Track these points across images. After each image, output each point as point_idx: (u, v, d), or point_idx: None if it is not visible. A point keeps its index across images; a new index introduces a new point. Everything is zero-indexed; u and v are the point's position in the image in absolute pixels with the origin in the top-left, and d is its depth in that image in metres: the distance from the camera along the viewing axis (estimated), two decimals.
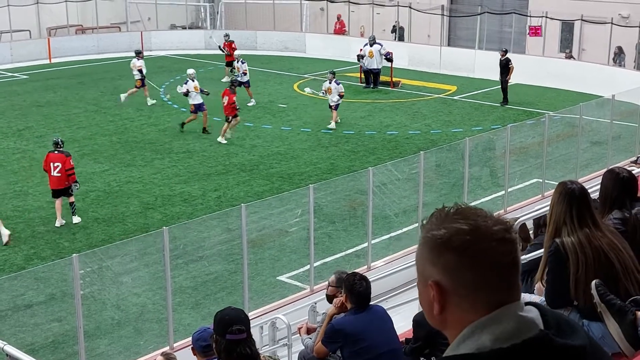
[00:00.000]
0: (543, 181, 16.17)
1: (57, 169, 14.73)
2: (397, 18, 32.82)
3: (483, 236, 1.76)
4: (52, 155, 14.92)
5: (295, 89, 27.15)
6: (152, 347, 10.75)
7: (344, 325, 6.44)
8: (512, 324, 1.73)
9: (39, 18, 34.67)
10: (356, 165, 18.04)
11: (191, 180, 17.28)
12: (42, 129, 21.74)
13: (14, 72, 30.18)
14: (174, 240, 11.80)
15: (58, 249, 13.67)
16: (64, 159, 14.86)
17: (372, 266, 12.79)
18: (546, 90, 26.67)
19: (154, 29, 35.94)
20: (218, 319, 4.53)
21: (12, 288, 11.57)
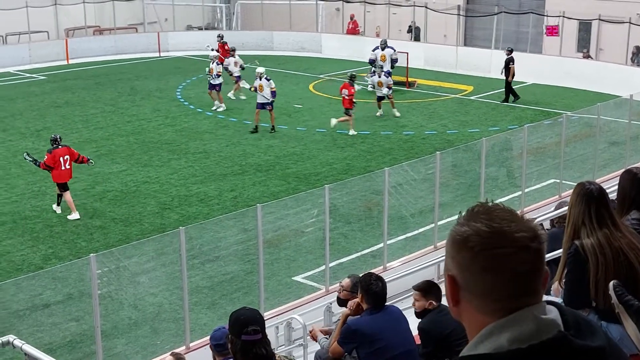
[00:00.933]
0: (560, 182, 16.09)
1: (67, 162, 15.35)
2: (413, 18, 32.76)
3: (502, 241, 1.74)
4: (60, 150, 15.37)
5: (311, 90, 27.16)
6: (169, 346, 10.79)
7: (360, 326, 6.44)
8: (531, 326, 1.72)
9: (57, 19, 34.89)
10: (372, 166, 18.02)
11: (208, 181, 17.33)
12: (60, 129, 21.84)
13: (32, 73, 30.38)
14: (191, 240, 11.84)
15: (76, 248, 13.75)
16: (70, 150, 15.58)
17: (388, 266, 12.77)
18: (563, 90, 26.53)
19: (171, 30, 36.08)
20: (233, 319, 4.52)
21: (31, 288, 11.64)
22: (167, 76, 29.31)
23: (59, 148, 15.44)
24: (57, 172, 15.32)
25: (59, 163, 15.27)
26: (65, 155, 15.38)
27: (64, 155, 15.36)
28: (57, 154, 15.34)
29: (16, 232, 14.52)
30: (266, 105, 21.29)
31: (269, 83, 21.49)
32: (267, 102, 21.33)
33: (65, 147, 15.62)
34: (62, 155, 15.35)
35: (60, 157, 15.31)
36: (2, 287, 11.19)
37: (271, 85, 21.45)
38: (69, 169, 15.41)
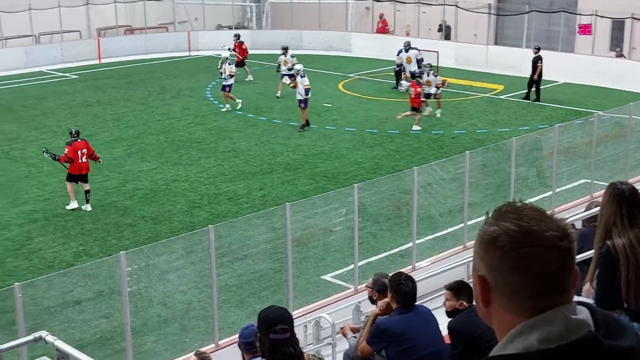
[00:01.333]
0: (592, 182, 15.93)
1: (85, 155, 15.94)
2: (443, 17, 32.61)
3: (531, 240, 1.73)
4: (79, 144, 15.96)
5: (340, 89, 27.15)
6: (198, 344, 10.84)
7: (389, 325, 6.42)
8: (561, 326, 1.71)
9: (89, 19, 35.25)
10: (401, 165, 17.98)
11: (237, 179, 17.40)
12: (91, 128, 22.08)
13: (64, 72, 30.72)
14: (220, 239, 11.88)
15: (106, 246, 13.88)
16: (87, 145, 16.20)
17: (416, 266, 12.73)
18: (595, 89, 26.26)
19: (201, 29, 36.26)
20: (262, 318, 4.52)
21: (62, 284, 11.76)
22: (197, 75, 29.47)
23: (78, 141, 15.99)
24: (76, 164, 15.83)
25: (77, 155, 15.82)
26: (84, 149, 15.97)
27: (82, 148, 15.95)
28: (77, 146, 15.88)
29: (48, 230, 14.69)
30: (300, 102, 21.39)
31: (303, 80, 21.55)
32: (301, 99, 21.43)
33: (83, 140, 16.19)
34: (81, 148, 15.93)
35: (79, 150, 15.87)
36: (34, 283, 11.32)
37: (304, 83, 21.51)
38: (86, 162, 15.96)
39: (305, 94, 21.45)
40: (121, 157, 19.19)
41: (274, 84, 26.15)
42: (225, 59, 24.04)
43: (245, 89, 27.04)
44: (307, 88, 21.60)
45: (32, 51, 32.03)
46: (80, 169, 15.87)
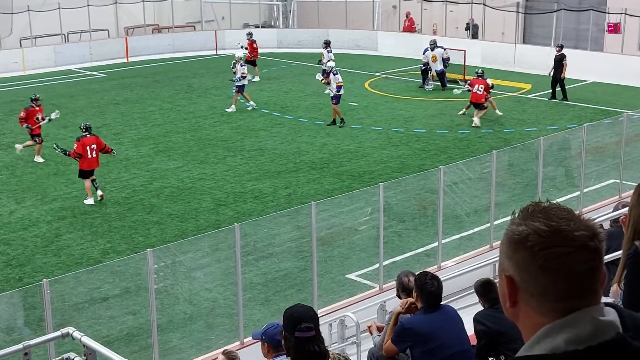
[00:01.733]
0: (620, 182, 15.77)
1: (94, 151, 16.23)
2: (470, 15, 32.44)
3: (561, 240, 1.72)
4: (88, 139, 16.25)
5: (367, 87, 27.12)
6: (223, 341, 10.89)
7: (414, 325, 6.40)
8: (589, 327, 1.70)
9: (117, 18, 35.52)
10: (427, 164, 17.92)
11: (262, 178, 17.44)
12: (119, 126, 22.26)
13: (92, 70, 30.99)
14: (245, 237, 11.92)
15: (133, 243, 13.98)
16: (97, 140, 16.51)
17: (442, 266, 12.68)
18: (625, 88, 25.98)
19: (228, 28, 36.40)
20: (287, 316, 4.53)
21: (89, 281, 11.87)
22: (224, 74, 29.56)
23: (87, 137, 16.25)
24: (85, 160, 16.16)
25: (87, 151, 16.11)
26: (93, 144, 16.25)
27: (91, 144, 16.22)
28: (85, 142, 16.17)
29: (76, 227, 14.83)
30: (333, 98, 21.42)
31: (336, 77, 21.57)
32: (333, 95, 21.47)
33: (93, 136, 16.47)
34: (90, 144, 16.20)
35: (88, 145, 16.16)
36: (62, 280, 11.43)
37: (337, 80, 21.53)
38: (96, 158, 16.25)
39: (337, 90, 21.48)
40: (148, 155, 19.33)
41: (300, 82, 26.20)
42: (239, 59, 23.91)
43: (272, 88, 27.11)
44: (340, 85, 21.62)
45: (61, 50, 32.35)
46: (90, 164, 16.17)
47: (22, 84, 28.55)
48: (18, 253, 13.66)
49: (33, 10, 31.97)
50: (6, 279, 12.61)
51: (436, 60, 26.37)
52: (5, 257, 13.47)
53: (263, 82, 28.13)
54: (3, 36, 32.59)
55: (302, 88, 26.31)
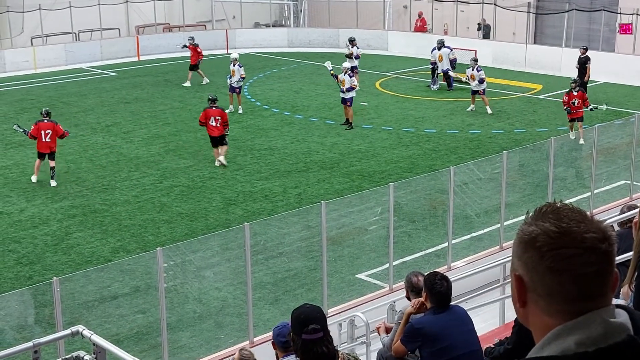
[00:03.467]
0: (631, 183, 15.70)
1: (48, 136, 17.22)
2: (481, 15, 32.37)
3: (570, 241, 1.71)
4: (43, 124, 17.28)
5: (377, 87, 27.10)
6: (232, 340, 10.91)
7: (424, 325, 6.39)
8: (600, 329, 1.69)
9: (128, 16, 35.62)
10: (437, 164, 17.89)
11: (272, 177, 17.45)
12: (129, 125, 22.31)
13: (103, 69, 31.08)
14: (255, 236, 11.94)
15: (143, 242, 14.01)
16: (54, 126, 17.36)
17: (452, 266, 12.66)
18: (636, 89, 25.88)
19: (239, 27, 36.44)
20: (294, 317, 4.50)
21: (99, 279, 11.91)
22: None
23: (44, 122, 17.28)
24: (38, 142, 17.23)
25: (41, 135, 17.13)
26: (48, 130, 17.20)
27: (46, 129, 17.20)
28: (41, 127, 17.20)
29: (86, 225, 14.88)
30: (346, 100, 21.32)
31: (351, 80, 21.44)
32: (346, 97, 21.34)
33: (51, 122, 17.40)
34: (45, 128, 17.18)
35: (43, 130, 17.17)
36: (72, 278, 11.47)
37: (353, 82, 21.40)
38: (50, 142, 17.24)
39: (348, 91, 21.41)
40: (159, 154, 19.37)
41: (310, 82, 26.21)
42: (234, 60, 23.42)
43: (283, 87, 27.10)
44: (354, 87, 21.54)
45: (72, 48, 32.45)
46: (41, 147, 17.17)
47: (33, 82, 28.66)
48: (28, 251, 13.71)
49: (44, 9, 32.09)
50: (16, 277, 12.67)
51: (442, 60, 26.32)
52: (16, 255, 13.53)
53: (273, 82, 28.13)
54: (14, 35, 32.72)
55: (313, 87, 26.30)
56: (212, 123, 18.24)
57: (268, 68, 30.74)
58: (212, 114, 18.33)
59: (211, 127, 18.28)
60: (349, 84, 21.38)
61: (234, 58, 23.59)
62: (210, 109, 18.45)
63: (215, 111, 18.39)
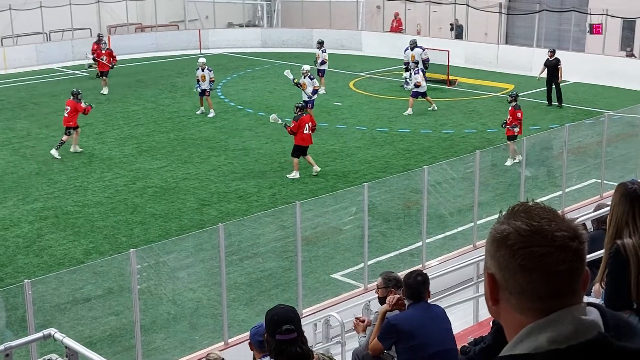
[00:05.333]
0: (602, 181, 15.87)
1: (67, 111, 19.44)
2: (454, 16, 32.55)
3: (541, 240, 1.73)
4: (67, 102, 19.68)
5: (351, 87, 27.15)
6: (207, 342, 10.88)
7: (399, 321, 6.45)
8: (571, 327, 1.71)
9: (100, 17, 35.34)
10: (411, 164, 17.96)
11: (247, 178, 17.42)
12: (102, 125, 22.15)
13: (74, 69, 30.81)
14: (229, 237, 11.91)
15: (116, 243, 13.92)
16: (74, 104, 19.48)
17: (426, 265, 12.72)
18: (606, 89, 26.16)
19: (212, 27, 36.31)
20: (268, 318, 4.51)
21: (72, 282, 11.81)
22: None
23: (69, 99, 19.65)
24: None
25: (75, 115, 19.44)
26: (67, 106, 19.40)
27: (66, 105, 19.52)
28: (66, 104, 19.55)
29: (58, 227, 14.75)
30: (308, 103, 21.17)
31: (313, 82, 21.48)
32: (310, 100, 21.31)
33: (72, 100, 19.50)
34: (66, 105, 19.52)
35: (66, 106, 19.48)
36: (45, 280, 11.37)
37: (315, 84, 21.45)
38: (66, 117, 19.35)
39: (313, 94, 21.42)
40: (131, 155, 19.25)
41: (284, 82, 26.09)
42: (202, 65, 23.00)
43: (256, 87, 27.05)
44: (317, 89, 21.59)
45: (43, 48, 32.15)
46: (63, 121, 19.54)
47: (3, 82, 28.33)
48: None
49: (14, 9, 31.74)
50: None
51: (414, 60, 26.43)
52: None
53: (247, 82, 28.09)
54: None
55: (287, 88, 26.24)
56: (306, 131, 17.44)
57: (242, 68, 30.67)
58: (307, 120, 17.54)
59: (305, 135, 17.42)
60: (310, 86, 21.31)
61: (202, 62, 23.21)
62: (305, 116, 17.61)
63: (308, 117, 17.76)
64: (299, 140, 17.39)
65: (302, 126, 17.33)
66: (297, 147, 17.43)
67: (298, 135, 17.30)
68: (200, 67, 23.06)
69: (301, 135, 17.33)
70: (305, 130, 17.36)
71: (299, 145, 17.41)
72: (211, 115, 22.98)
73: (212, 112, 23.08)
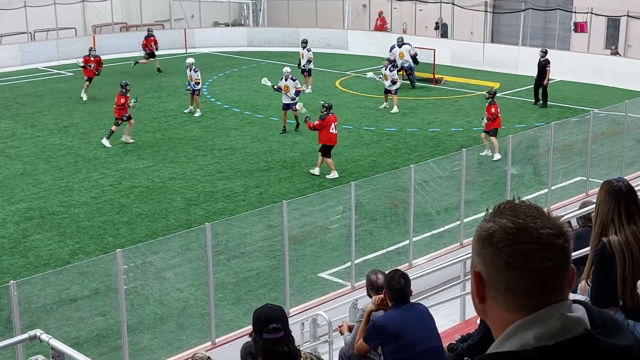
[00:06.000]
0: (587, 179, 15.95)
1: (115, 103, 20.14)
2: (439, 15, 32.61)
3: (527, 237, 1.74)
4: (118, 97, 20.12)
5: (338, 86, 27.15)
6: (194, 342, 10.85)
7: (385, 322, 6.44)
8: (558, 324, 1.71)
9: (85, 16, 35.17)
10: (398, 163, 17.98)
11: (233, 177, 17.39)
12: (87, 125, 22.06)
13: (60, 69, 30.65)
14: (216, 236, 11.88)
15: (102, 244, 13.86)
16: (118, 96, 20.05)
17: (413, 264, 12.74)
18: (591, 87, 26.29)
19: (197, 27, 36.21)
20: (255, 317, 4.51)
21: (58, 282, 11.76)
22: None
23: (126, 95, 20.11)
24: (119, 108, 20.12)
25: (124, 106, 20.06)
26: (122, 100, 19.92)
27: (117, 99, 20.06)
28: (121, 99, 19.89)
29: (44, 228, 14.67)
30: (291, 105, 21.04)
31: (295, 83, 21.38)
32: (293, 102, 21.08)
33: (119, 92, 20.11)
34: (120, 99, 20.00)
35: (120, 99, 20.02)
36: (30, 281, 11.31)
37: (297, 86, 21.38)
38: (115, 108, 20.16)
39: (297, 95, 21.20)
40: (117, 155, 19.18)
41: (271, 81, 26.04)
42: (190, 65, 23.22)
43: (243, 87, 27.00)
44: (299, 90, 21.48)
45: (28, 48, 31.95)
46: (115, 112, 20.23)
47: None
48: None
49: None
50: None
51: (403, 57, 26.45)
52: None
53: (234, 81, 28.03)
54: None
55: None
56: (333, 130, 17.43)
57: (228, 67, 30.62)
58: (333, 120, 17.50)
59: (331, 134, 17.44)
60: (293, 88, 21.15)
61: (189, 63, 23.36)
62: (331, 116, 17.57)
63: (334, 117, 17.69)
64: (325, 140, 17.44)
65: (328, 125, 17.38)
66: (325, 147, 17.48)
67: (325, 134, 17.38)
68: (187, 67, 23.20)
69: (328, 134, 17.41)
70: (332, 130, 17.42)
71: (326, 144, 17.46)
72: (197, 114, 22.94)
73: (199, 111, 23.05)
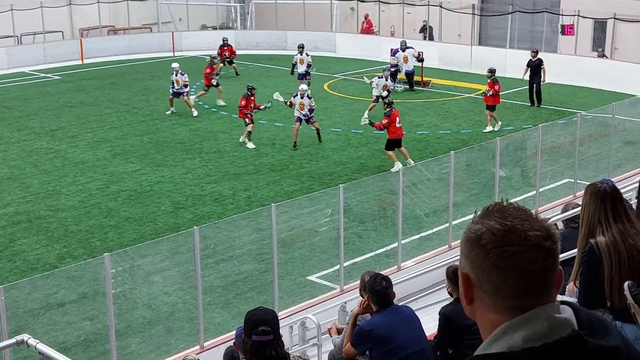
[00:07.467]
0: (575, 181, 16.01)
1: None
2: (427, 17, 32.68)
3: (514, 239, 1.74)
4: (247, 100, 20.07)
5: (326, 89, 27.15)
6: (183, 346, 10.82)
7: (372, 327, 6.44)
8: (545, 325, 1.72)
9: (72, 19, 35.06)
10: (386, 165, 18.00)
11: (222, 180, 17.36)
12: (75, 129, 21.98)
13: (46, 72, 30.54)
14: (205, 240, 11.86)
15: (90, 248, 13.80)
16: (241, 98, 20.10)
17: (402, 266, 12.75)
18: (578, 89, 26.40)
19: (185, 30, 36.17)
20: (246, 319, 4.51)
21: (45, 287, 11.70)
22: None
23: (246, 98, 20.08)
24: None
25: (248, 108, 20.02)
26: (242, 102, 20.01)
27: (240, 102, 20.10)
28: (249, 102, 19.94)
29: (31, 232, 14.60)
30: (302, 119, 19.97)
31: (310, 101, 20.15)
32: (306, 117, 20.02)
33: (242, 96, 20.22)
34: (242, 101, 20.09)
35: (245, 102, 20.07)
36: (17, 286, 11.25)
37: (311, 104, 20.15)
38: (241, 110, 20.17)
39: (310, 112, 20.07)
40: (105, 159, 19.11)
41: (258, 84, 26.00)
42: (177, 70, 23.27)
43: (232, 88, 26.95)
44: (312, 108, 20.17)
45: (14, 52, 31.83)
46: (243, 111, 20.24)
47: None
48: None
49: None
50: None
51: (407, 61, 26.46)
52: None
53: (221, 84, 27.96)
54: None
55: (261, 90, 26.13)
56: (398, 124, 17.87)
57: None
58: (397, 114, 18.00)
59: (397, 128, 17.86)
60: (308, 105, 20.11)
61: (175, 67, 23.42)
62: (395, 111, 18.02)
63: (397, 112, 18.16)
64: (392, 134, 17.82)
65: (393, 120, 17.77)
66: (391, 141, 17.88)
67: (391, 129, 17.73)
68: (173, 72, 23.32)
69: (394, 129, 17.77)
70: (397, 124, 17.85)
71: (393, 139, 17.85)
72: (194, 114, 23.15)
73: (195, 111, 23.25)
